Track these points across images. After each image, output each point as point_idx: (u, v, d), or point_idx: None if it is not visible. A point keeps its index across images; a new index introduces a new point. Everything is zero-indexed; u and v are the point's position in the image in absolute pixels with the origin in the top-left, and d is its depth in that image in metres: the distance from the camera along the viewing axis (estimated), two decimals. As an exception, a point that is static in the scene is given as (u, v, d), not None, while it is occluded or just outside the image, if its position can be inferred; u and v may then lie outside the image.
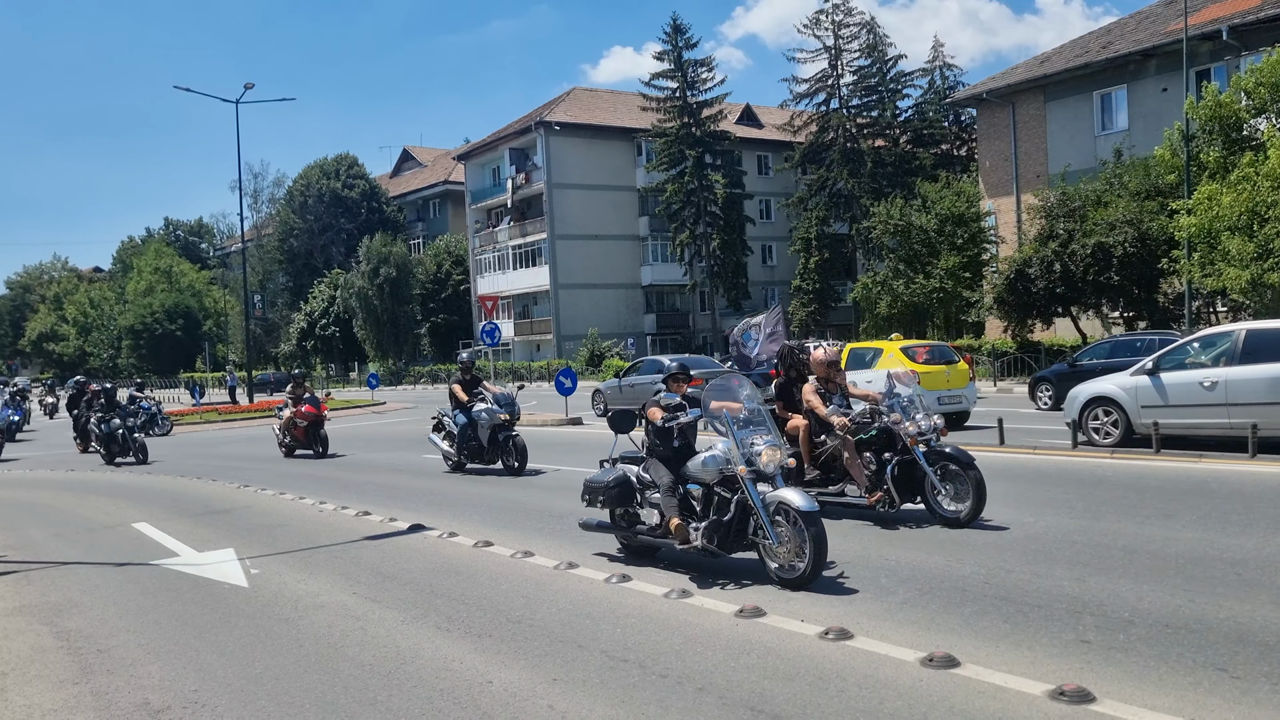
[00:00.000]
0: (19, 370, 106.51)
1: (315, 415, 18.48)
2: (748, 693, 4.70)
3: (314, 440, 18.44)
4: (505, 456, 13.81)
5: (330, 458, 18.03)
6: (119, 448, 19.50)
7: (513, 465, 13.65)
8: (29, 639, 6.45)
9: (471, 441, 14.33)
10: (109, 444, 19.59)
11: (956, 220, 34.85)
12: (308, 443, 18.45)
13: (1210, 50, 28.16)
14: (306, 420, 18.46)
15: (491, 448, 14.11)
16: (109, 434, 19.56)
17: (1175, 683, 4.57)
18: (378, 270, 61.40)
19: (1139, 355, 16.80)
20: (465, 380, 14.85)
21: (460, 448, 14.45)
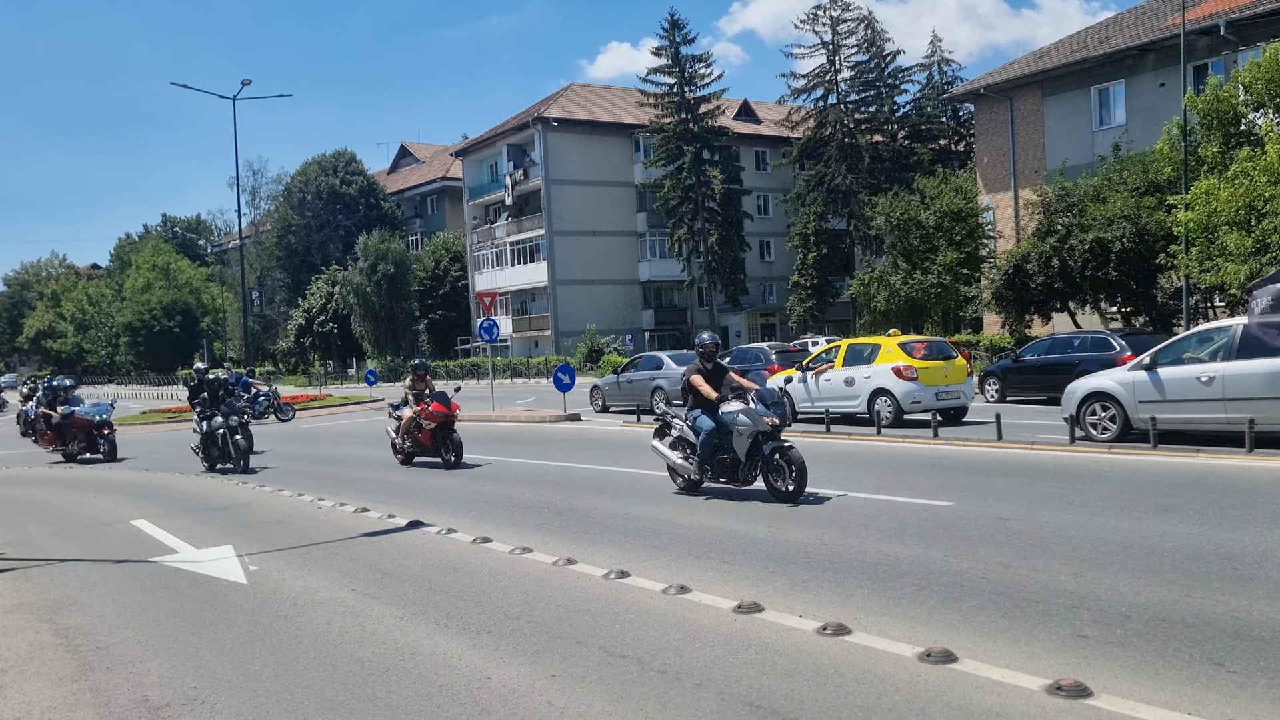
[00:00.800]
0: (16, 367, 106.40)
1: (446, 415, 14.90)
2: (746, 688, 4.71)
3: (443, 445, 14.99)
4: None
5: (465, 468, 14.68)
6: (219, 451, 16.42)
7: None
8: (28, 636, 6.45)
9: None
10: (208, 447, 16.56)
11: (955, 216, 34.85)
12: (434, 448, 15.06)
13: (1208, 45, 28.15)
14: (435, 422, 14.95)
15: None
16: (209, 434, 16.50)
17: (1172, 677, 4.58)
18: (376, 267, 61.37)
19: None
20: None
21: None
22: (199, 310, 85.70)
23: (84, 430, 20.05)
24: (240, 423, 16.29)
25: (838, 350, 18.79)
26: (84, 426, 20.03)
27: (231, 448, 16.04)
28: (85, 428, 20.05)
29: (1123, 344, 18.64)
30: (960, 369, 17.72)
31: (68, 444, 20.19)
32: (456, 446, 14.90)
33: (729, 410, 10.06)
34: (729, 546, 7.98)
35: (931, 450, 13.93)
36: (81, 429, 20.05)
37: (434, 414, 14.81)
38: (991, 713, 4.25)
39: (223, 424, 16.21)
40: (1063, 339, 21.12)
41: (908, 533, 8.14)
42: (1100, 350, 18.84)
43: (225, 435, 16.17)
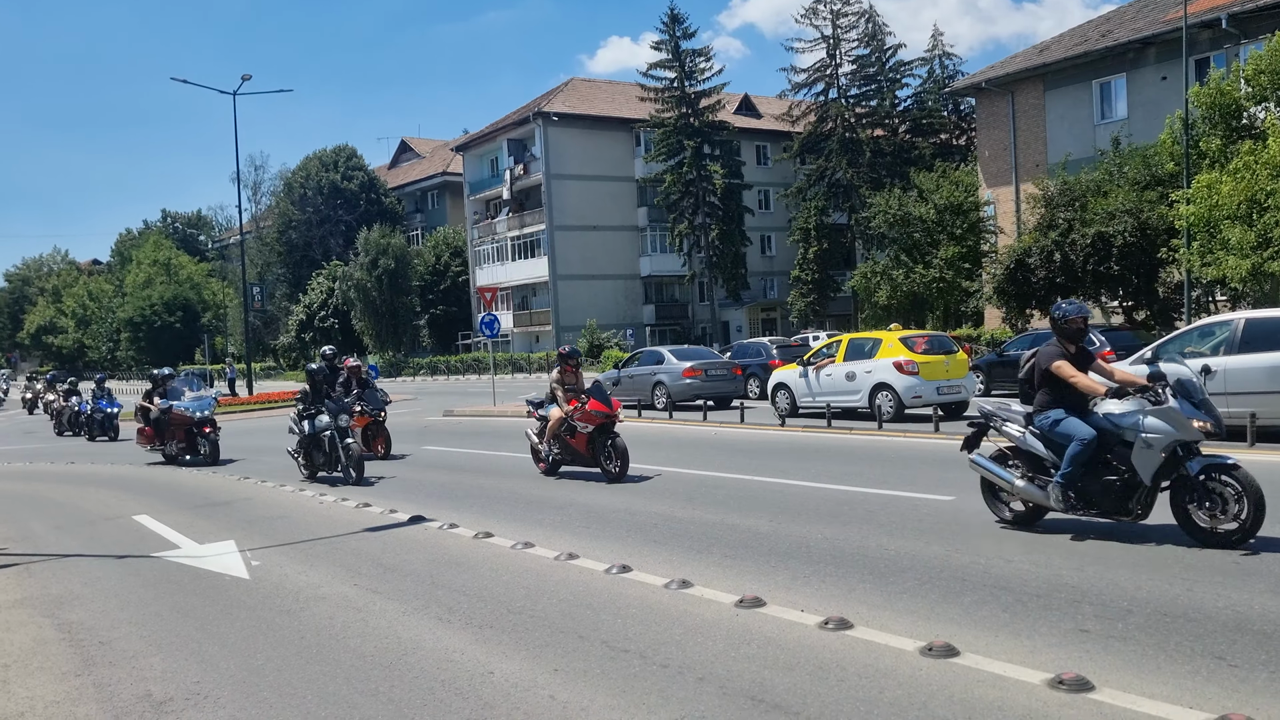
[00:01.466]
0: (17, 363, 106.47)
1: (606, 415, 12.01)
2: (748, 682, 4.71)
3: (603, 453, 12.02)
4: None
5: (630, 481, 11.84)
6: (324, 458, 13.41)
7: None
8: (31, 631, 6.46)
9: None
10: (311, 452, 13.56)
11: (955, 210, 34.81)
12: (591, 456, 12.14)
13: (1210, 38, 28.08)
14: (592, 424, 12.02)
15: None
16: (313, 436, 13.47)
17: (1173, 671, 4.59)
18: (376, 262, 61.33)
19: None
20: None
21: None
22: (200, 306, 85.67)
23: (183, 428, 17.39)
24: (347, 425, 13.64)
25: (839, 345, 18.79)
26: (183, 424, 17.36)
27: (341, 453, 13.12)
28: (185, 425, 17.35)
29: (1102, 339, 18.76)
30: (961, 364, 17.73)
31: (166, 443, 17.68)
32: (621, 454, 11.92)
33: (1120, 411, 7.19)
34: (731, 541, 7.99)
35: (933, 445, 13.94)
36: (180, 426, 17.39)
37: (591, 414, 11.93)
38: (993, 706, 4.26)
39: (330, 424, 13.24)
40: (1045, 334, 21.20)
41: (909, 527, 8.15)
42: None
43: (333, 438, 13.27)
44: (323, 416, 13.29)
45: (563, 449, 12.50)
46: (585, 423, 12.01)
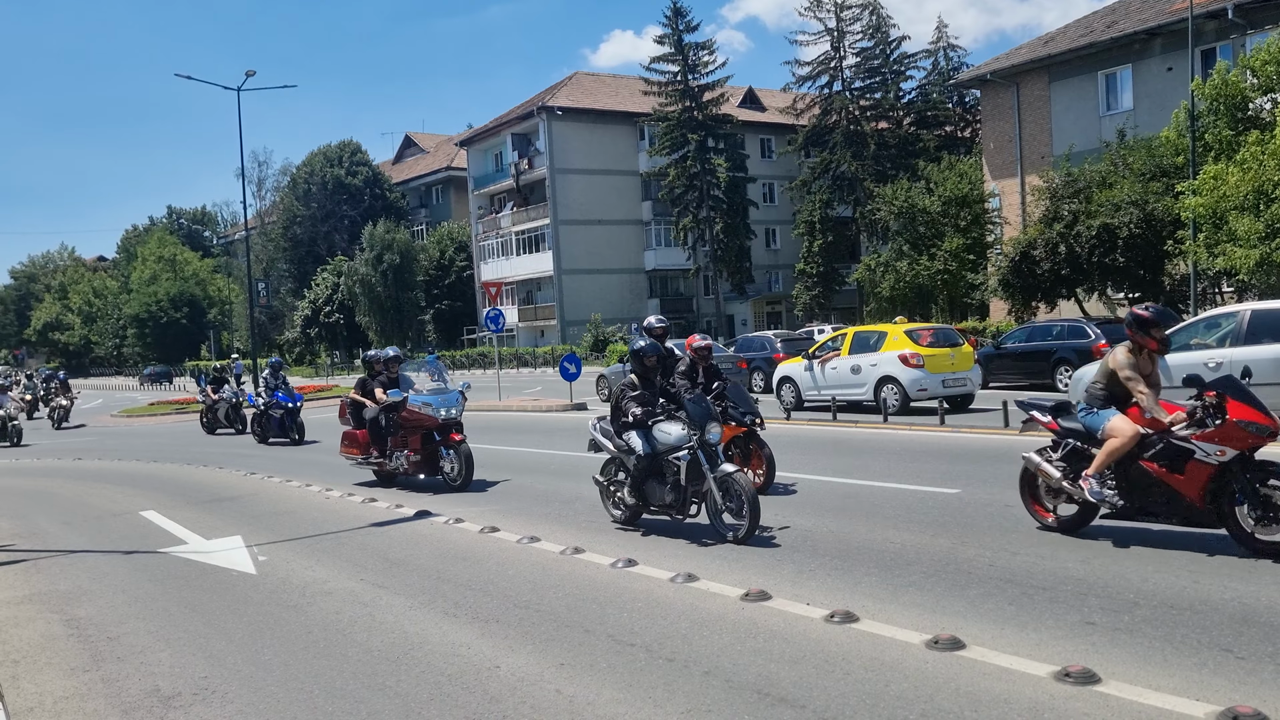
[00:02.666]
0: (24, 360, 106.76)
1: None
2: (754, 676, 4.72)
3: None
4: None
5: None
6: (673, 493, 8.15)
7: None
8: (39, 627, 6.49)
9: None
10: (646, 482, 8.32)
11: (960, 202, 34.71)
12: None
13: (1216, 29, 27.96)
14: None
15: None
16: (651, 456, 8.23)
17: (1180, 663, 4.59)
18: (381, 257, 61.36)
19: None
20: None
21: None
22: (205, 302, 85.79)
23: (419, 433, 11.85)
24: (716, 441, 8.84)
25: (844, 338, 18.77)
26: (421, 427, 11.83)
27: (714, 487, 7.91)
28: (423, 429, 11.81)
29: (1098, 332, 19.34)
30: (966, 356, 17.70)
31: (390, 454, 12.09)
32: None
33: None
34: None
35: (938, 437, 13.92)
36: (415, 431, 11.85)
37: None
38: (1000, 699, 4.26)
39: (688, 440, 7.97)
40: (1042, 327, 21.74)
41: (915, 520, 8.14)
42: (1076, 338, 19.84)
43: (694, 463, 8.16)
44: (672, 426, 8.17)
45: None
46: None
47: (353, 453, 12.64)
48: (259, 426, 19.81)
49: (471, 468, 11.48)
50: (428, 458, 11.77)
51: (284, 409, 19.27)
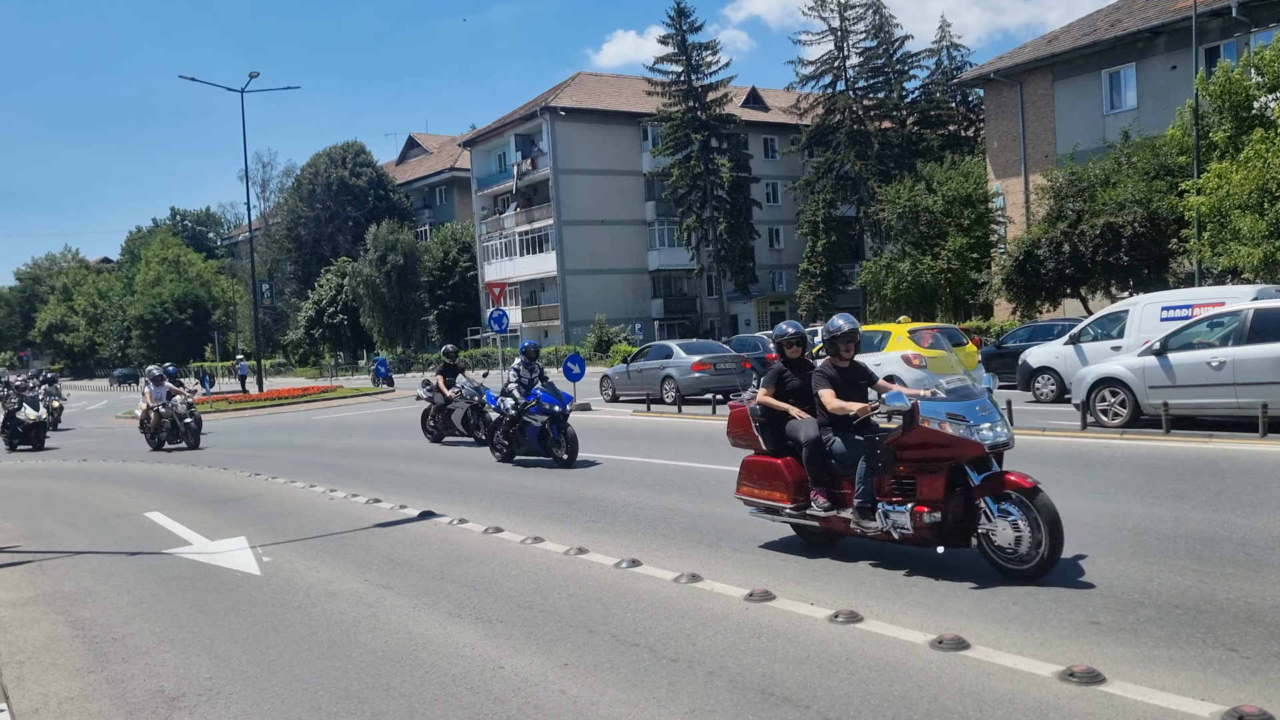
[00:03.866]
0: (30, 361, 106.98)
1: None
2: (758, 676, 4.72)
3: None
4: None
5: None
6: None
7: None
8: (45, 628, 6.50)
9: None
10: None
11: (963, 201, 34.68)
12: None
13: (1220, 27, 27.92)
14: None
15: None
16: None
17: (1185, 663, 4.58)
18: (385, 258, 61.40)
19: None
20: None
21: None
22: (210, 303, 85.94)
23: None
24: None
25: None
26: None
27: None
28: None
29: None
30: (970, 356, 17.69)
31: None
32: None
33: None
34: (740, 535, 7.98)
35: (942, 437, 13.87)
36: None
37: None
38: (1004, 699, 4.26)
39: None
40: (1043, 327, 21.75)
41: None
42: None
43: None
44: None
45: None
46: None
47: (773, 497, 7.29)
48: (505, 438, 13.94)
49: None
50: None
51: (549, 414, 13.15)
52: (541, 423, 13.23)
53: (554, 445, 13.08)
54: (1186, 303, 15.74)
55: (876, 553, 7.07)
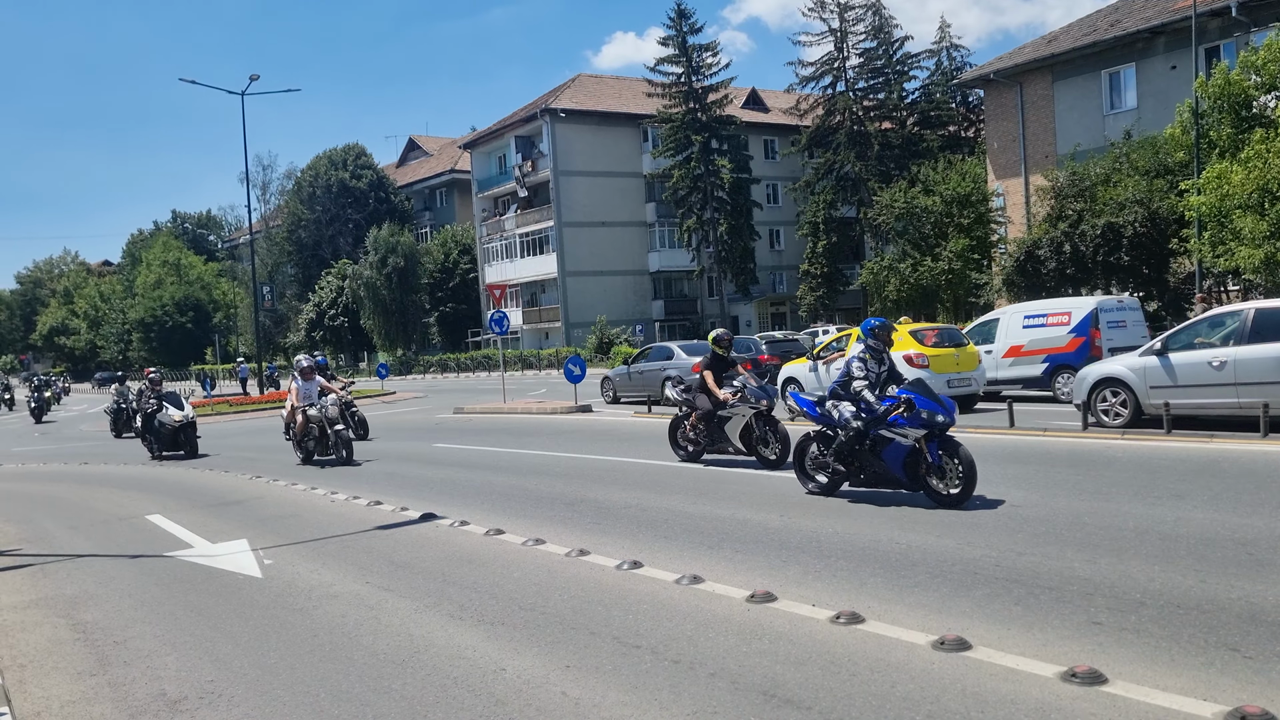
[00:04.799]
0: (30, 364, 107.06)
1: None
2: (760, 678, 4.71)
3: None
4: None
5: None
6: None
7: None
8: (46, 631, 6.50)
9: None
10: None
11: (963, 202, 34.68)
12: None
13: (1219, 27, 27.92)
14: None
15: None
16: None
17: (1187, 663, 4.57)
18: (385, 260, 61.43)
19: None
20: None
21: None
22: (211, 305, 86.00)
23: None
24: None
25: (848, 339, 18.75)
26: None
27: None
28: None
29: None
30: (971, 356, 17.67)
31: None
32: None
33: None
34: (741, 536, 7.98)
35: (943, 438, 13.87)
36: None
37: None
38: (1006, 700, 4.25)
39: None
40: None
41: (920, 521, 8.13)
42: None
43: None
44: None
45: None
46: None
47: None
48: (842, 460, 9.33)
49: None
50: None
51: (929, 427, 8.64)
52: (914, 441, 8.73)
53: (934, 473, 8.68)
54: (1043, 312, 18.32)
55: (878, 555, 7.07)
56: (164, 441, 18.73)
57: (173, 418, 18.57)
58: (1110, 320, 17.50)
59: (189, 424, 18.79)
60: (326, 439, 15.67)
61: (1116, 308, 17.96)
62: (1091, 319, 17.33)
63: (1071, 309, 17.77)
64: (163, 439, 18.74)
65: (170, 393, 19.57)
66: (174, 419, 18.56)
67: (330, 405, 15.67)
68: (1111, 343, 16.95)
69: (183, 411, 18.76)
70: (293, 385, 16.42)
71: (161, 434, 18.74)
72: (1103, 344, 16.94)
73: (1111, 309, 17.75)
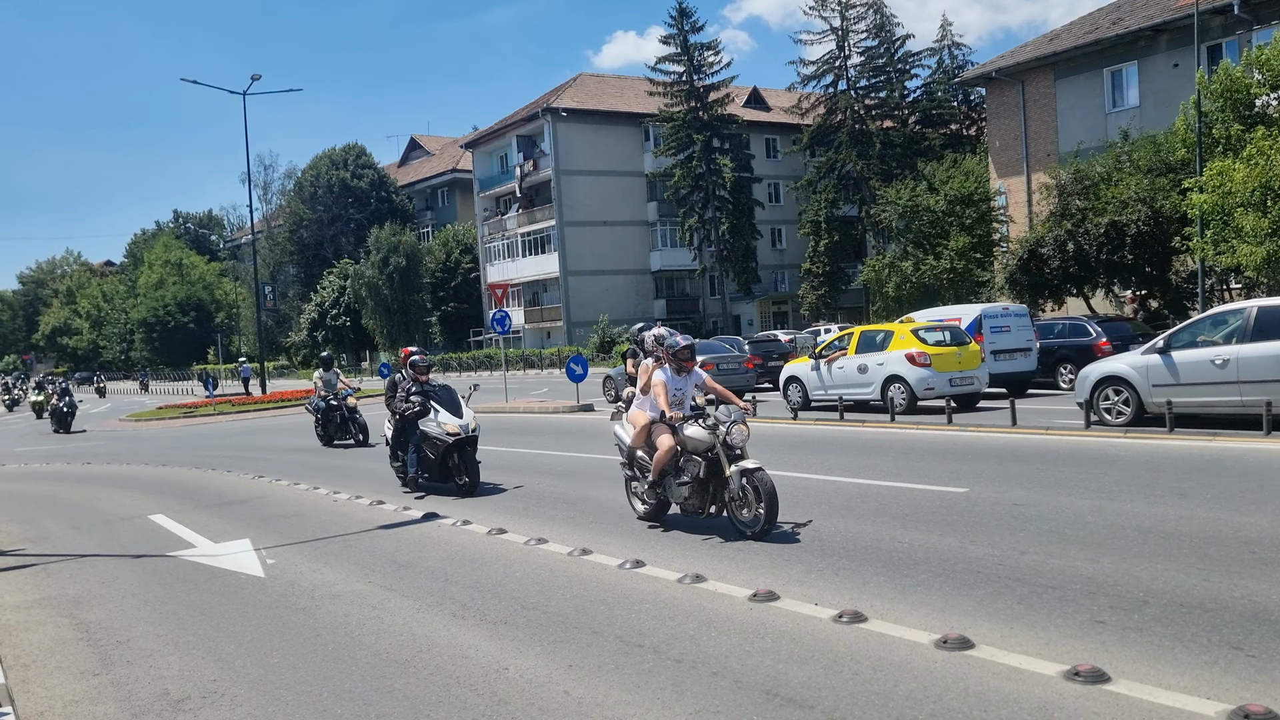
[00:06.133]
0: (33, 365, 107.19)
1: None
2: (763, 676, 4.71)
3: None
4: None
5: None
6: None
7: None
8: (49, 631, 6.51)
9: None
10: None
11: (965, 200, 34.66)
12: None
13: (1222, 25, 27.88)
14: None
15: None
16: None
17: (1190, 661, 4.57)
18: (387, 260, 61.45)
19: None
20: None
21: None
22: (212, 305, 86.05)
23: None
24: None
25: (850, 337, 18.74)
26: None
27: None
28: None
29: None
30: (974, 354, 17.65)
31: None
32: None
33: None
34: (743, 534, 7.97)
35: (946, 436, 13.89)
36: None
37: None
38: (1009, 699, 4.25)
39: None
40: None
41: (922, 520, 8.12)
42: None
43: None
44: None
45: None
46: None
47: None
48: None
49: None
50: None
51: None
52: None
53: None
54: (940, 319, 19.37)
55: (881, 554, 7.07)
56: (429, 465, 11.58)
57: (446, 429, 11.33)
58: (994, 325, 19.15)
59: (470, 440, 11.48)
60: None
61: (1001, 314, 19.71)
62: (975, 325, 18.98)
63: (960, 315, 19.56)
64: (428, 462, 11.59)
65: (444, 387, 12.24)
66: (448, 431, 11.32)
67: None
68: (994, 345, 18.85)
69: (460, 420, 11.44)
70: None
71: (426, 454, 11.57)
72: (985, 347, 18.45)
73: (996, 315, 19.53)
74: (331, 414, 18.65)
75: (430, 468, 11.45)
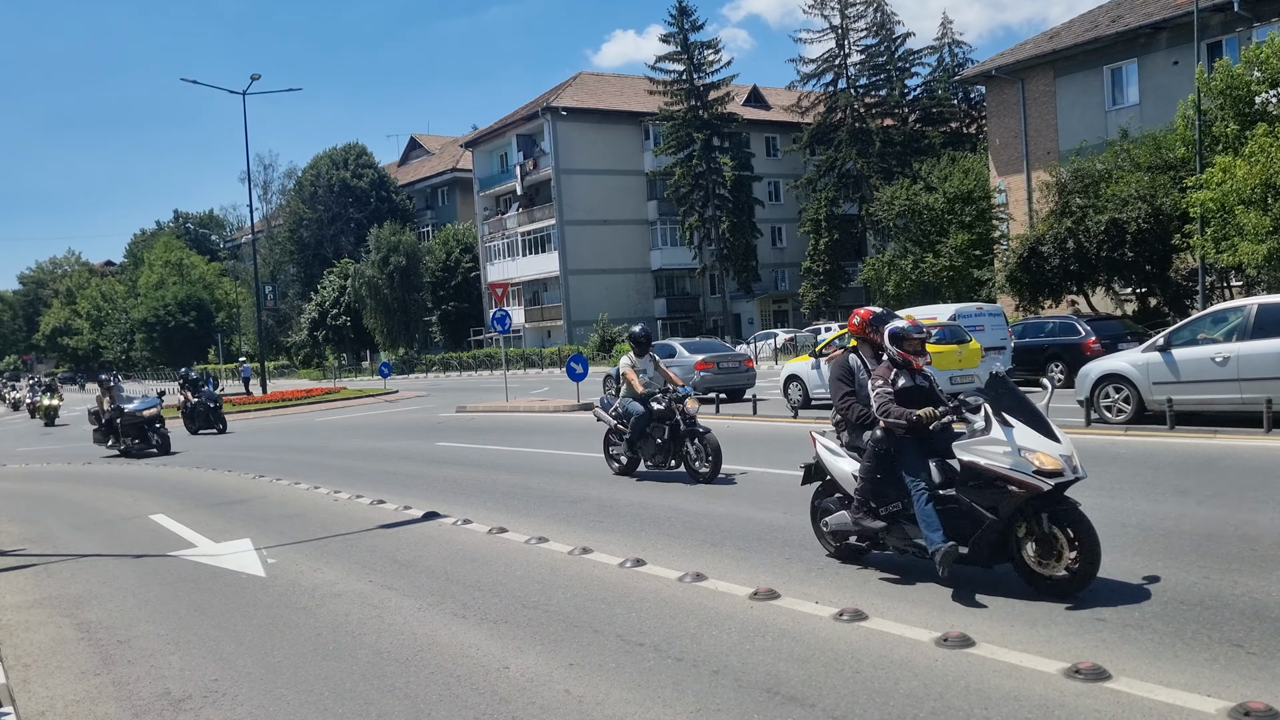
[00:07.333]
0: (34, 365, 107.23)
1: None
2: (763, 675, 4.71)
3: None
4: None
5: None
6: None
7: None
8: (50, 631, 6.51)
9: None
10: None
11: (965, 198, 34.65)
12: None
13: (1221, 22, 27.85)
14: None
15: None
16: None
17: (1191, 659, 4.57)
18: (387, 259, 61.46)
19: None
20: None
21: None
22: (213, 305, 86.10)
23: None
24: None
25: (848, 337, 18.73)
26: None
27: None
28: None
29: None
30: (974, 352, 17.65)
31: None
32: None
33: None
34: (744, 534, 7.98)
35: (946, 435, 13.85)
36: None
37: None
38: (1010, 696, 4.25)
39: None
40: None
41: (923, 518, 8.11)
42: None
43: None
44: None
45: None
46: None
47: None
48: None
49: None
50: None
51: None
52: None
53: None
54: (918, 319, 18.61)
55: (884, 553, 7.07)
56: None
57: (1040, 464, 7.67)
58: (969, 325, 19.24)
59: None
60: None
61: (975, 314, 20.13)
62: None
63: (935, 315, 19.68)
64: None
65: None
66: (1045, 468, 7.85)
67: None
68: None
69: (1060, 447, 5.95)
70: None
71: None
72: None
73: (970, 315, 19.96)
74: None
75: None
